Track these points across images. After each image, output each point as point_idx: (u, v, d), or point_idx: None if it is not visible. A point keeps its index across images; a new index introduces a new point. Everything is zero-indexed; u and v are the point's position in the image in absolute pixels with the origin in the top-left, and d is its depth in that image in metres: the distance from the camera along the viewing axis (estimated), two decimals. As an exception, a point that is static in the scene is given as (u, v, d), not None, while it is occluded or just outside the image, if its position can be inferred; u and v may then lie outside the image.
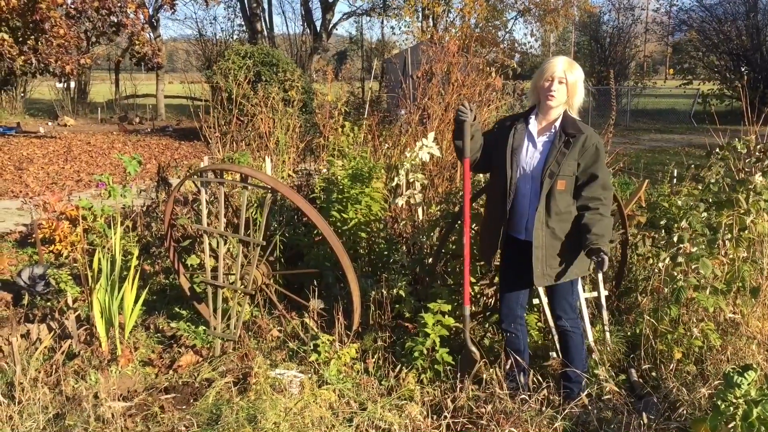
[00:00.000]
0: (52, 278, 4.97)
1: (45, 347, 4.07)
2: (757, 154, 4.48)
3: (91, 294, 4.13)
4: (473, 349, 3.74)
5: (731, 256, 4.33)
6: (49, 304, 4.85)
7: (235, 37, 30.50)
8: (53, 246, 6.22)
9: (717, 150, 4.56)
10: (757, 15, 24.65)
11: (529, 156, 3.42)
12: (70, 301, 4.32)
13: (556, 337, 4.11)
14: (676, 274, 4.06)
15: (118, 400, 3.59)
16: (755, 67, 23.96)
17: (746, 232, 4.30)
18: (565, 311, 3.56)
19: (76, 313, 4.34)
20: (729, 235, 4.29)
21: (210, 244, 4.52)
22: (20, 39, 13.92)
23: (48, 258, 6.08)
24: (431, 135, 5.18)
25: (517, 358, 3.63)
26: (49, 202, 7.08)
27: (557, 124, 3.41)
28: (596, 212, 3.31)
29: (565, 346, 3.63)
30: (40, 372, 3.75)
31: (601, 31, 29.45)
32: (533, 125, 3.46)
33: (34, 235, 6.08)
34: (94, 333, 4.18)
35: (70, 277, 4.76)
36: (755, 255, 4.38)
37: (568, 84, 3.35)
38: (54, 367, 3.84)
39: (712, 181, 4.45)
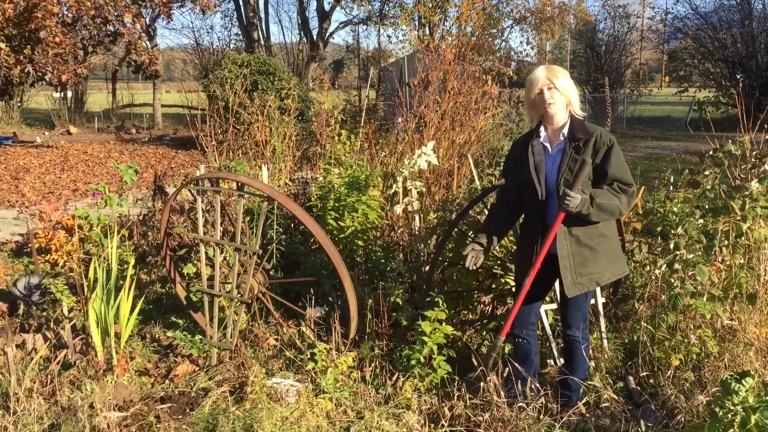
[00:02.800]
0: (47, 287, 4.95)
1: (40, 357, 4.05)
2: (752, 160, 4.49)
3: (87, 303, 4.12)
4: (491, 375, 3.69)
5: (728, 263, 4.32)
6: (44, 313, 4.83)
7: (231, 46, 30.68)
8: (49, 255, 6.20)
9: (710, 152, 4.56)
10: (752, 23, 24.73)
11: (549, 168, 3.43)
12: (65, 311, 4.31)
13: (553, 345, 4.11)
14: (673, 280, 4.05)
15: (114, 410, 3.57)
16: (750, 74, 24.02)
17: (743, 238, 4.30)
18: (577, 321, 3.54)
19: (72, 323, 4.32)
20: (725, 242, 4.28)
21: (206, 252, 4.51)
22: (16, 48, 13.92)
23: (44, 267, 6.06)
24: (431, 143, 5.19)
25: (516, 366, 3.62)
26: (45, 212, 7.07)
27: (565, 130, 3.40)
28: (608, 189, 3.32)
29: (570, 355, 3.62)
30: (35, 382, 3.73)
31: (596, 39, 29.51)
32: (545, 138, 3.46)
33: (30, 245, 6.06)
34: (90, 343, 4.16)
35: (65, 287, 4.75)
36: (752, 261, 4.37)
37: (557, 88, 3.34)
38: (49, 377, 3.82)
39: (708, 187, 4.45)
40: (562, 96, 3.36)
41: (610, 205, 3.26)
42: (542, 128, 3.47)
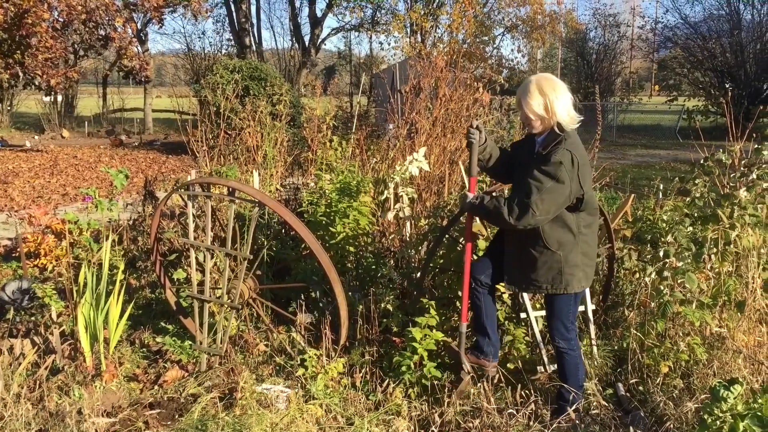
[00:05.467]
0: (36, 291, 4.92)
1: (28, 362, 4.02)
2: (741, 168, 4.52)
3: (76, 308, 4.09)
4: (466, 367, 3.73)
5: (717, 271, 4.35)
6: (33, 318, 4.80)
7: (223, 51, 30.61)
8: (38, 260, 6.16)
9: (701, 161, 4.59)
10: (740, 32, 24.92)
11: None
12: (54, 316, 4.28)
13: (543, 351, 4.12)
14: (662, 288, 4.07)
15: (102, 415, 3.55)
16: (739, 83, 24.20)
17: (731, 246, 4.33)
18: (559, 331, 3.56)
19: (61, 328, 4.30)
20: (714, 250, 4.31)
21: (196, 258, 4.50)
22: (6, 52, 13.87)
23: (33, 272, 6.02)
24: (422, 150, 5.20)
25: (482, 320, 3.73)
26: (34, 216, 7.03)
27: (539, 140, 3.47)
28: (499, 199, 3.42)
29: (559, 365, 3.65)
30: (23, 387, 3.70)
31: (587, 48, 29.71)
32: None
33: (18, 249, 6.03)
34: (79, 348, 4.14)
35: (54, 292, 4.71)
36: (740, 269, 4.40)
37: (526, 111, 3.38)
38: (37, 382, 3.80)
39: (697, 195, 4.48)
40: (533, 116, 3.39)
41: (492, 211, 3.39)
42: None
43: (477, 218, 4.03)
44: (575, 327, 3.62)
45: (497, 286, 3.82)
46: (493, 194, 3.56)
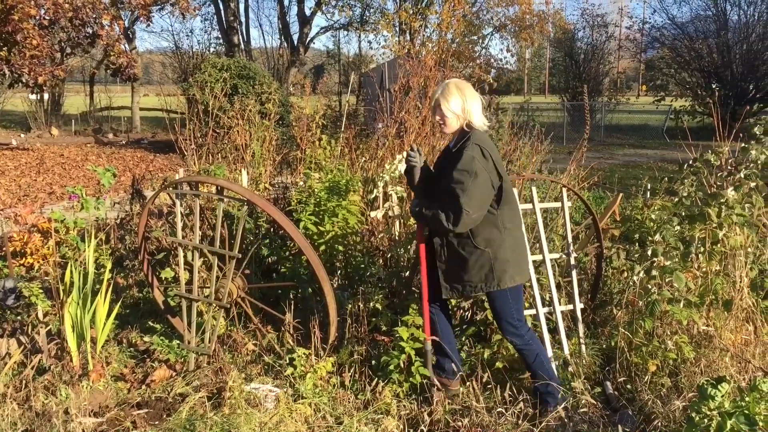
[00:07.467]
0: (23, 290, 4.87)
1: (14, 362, 3.99)
2: (728, 168, 4.54)
3: (63, 308, 4.06)
4: (436, 383, 3.75)
5: (704, 270, 4.37)
6: (19, 318, 4.76)
7: (211, 49, 30.52)
8: (24, 259, 6.10)
9: (690, 161, 4.61)
10: (727, 33, 25.07)
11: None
12: (40, 315, 4.25)
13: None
14: (650, 287, 4.09)
15: (89, 415, 3.52)
16: (726, 84, 24.35)
17: (719, 245, 4.35)
18: (507, 330, 3.62)
19: (47, 328, 4.26)
20: (702, 249, 4.33)
21: (185, 257, 4.47)
22: (-7, 49, 13.76)
23: (19, 271, 5.97)
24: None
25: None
26: (20, 215, 6.96)
27: (451, 144, 3.60)
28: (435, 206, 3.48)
29: (524, 362, 3.72)
30: (9, 387, 3.68)
31: (575, 48, 29.78)
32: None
33: (4, 248, 5.97)
34: (66, 347, 4.11)
35: (41, 291, 4.68)
36: (727, 268, 4.43)
37: (444, 113, 3.49)
38: (23, 382, 3.76)
39: (685, 194, 4.50)
40: (450, 117, 3.50)
41: (432, 218, 3.47)
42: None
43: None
44: (524, 323, 3.67)
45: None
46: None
